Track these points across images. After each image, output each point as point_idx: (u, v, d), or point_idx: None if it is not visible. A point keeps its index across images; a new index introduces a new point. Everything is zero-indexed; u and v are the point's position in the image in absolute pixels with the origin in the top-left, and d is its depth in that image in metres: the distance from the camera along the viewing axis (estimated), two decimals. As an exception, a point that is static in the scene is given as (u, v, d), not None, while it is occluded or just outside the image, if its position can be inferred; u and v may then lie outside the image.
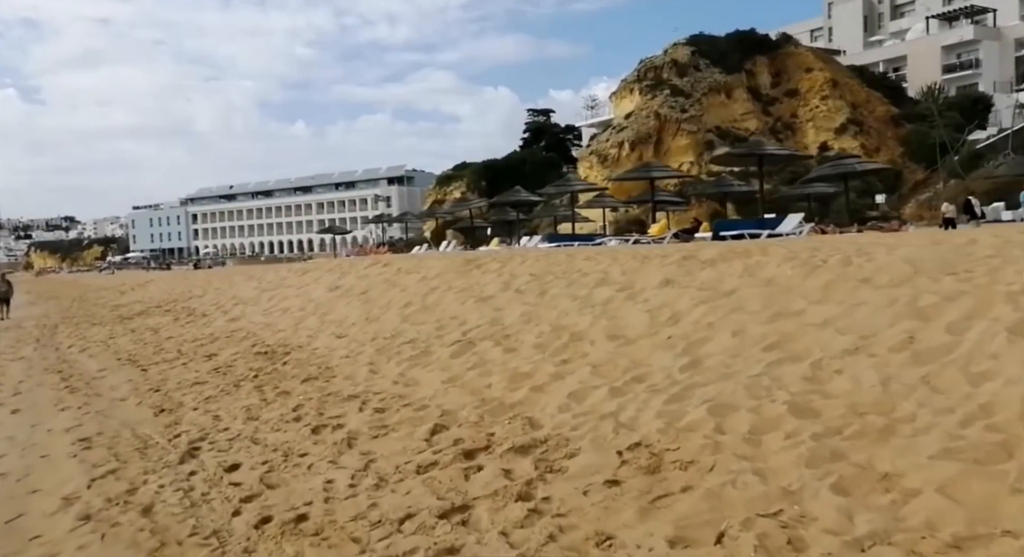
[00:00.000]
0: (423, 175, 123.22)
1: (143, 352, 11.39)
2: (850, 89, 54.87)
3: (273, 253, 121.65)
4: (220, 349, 10.49)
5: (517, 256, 11.29)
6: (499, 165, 70.78)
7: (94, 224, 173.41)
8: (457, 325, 8.27)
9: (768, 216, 15.95)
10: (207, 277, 28.57)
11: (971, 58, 59.72)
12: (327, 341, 9.49)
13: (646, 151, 53.45)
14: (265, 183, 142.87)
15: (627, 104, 57.68)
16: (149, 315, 17.86)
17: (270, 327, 11.86)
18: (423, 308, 9.64)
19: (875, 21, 78.66)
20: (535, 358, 6.21)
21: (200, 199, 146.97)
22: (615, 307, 6.90)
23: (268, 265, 45.23)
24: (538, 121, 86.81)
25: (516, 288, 9.06)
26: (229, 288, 20.19)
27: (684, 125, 53.01)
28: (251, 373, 8.25)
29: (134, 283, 33.18)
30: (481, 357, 6.69)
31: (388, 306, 10.49)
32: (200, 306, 17.45)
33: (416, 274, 12.03)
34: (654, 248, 11.19)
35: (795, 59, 57.19)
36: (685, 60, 56.22)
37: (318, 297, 13.33)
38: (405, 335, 8.56)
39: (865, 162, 17.42)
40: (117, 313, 19.53)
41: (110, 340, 13.73)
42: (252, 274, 23.07)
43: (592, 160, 55.61)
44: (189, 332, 13.22)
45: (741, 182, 33.96)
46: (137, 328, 15.30)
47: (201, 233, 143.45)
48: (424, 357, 7.35)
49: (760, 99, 56.25)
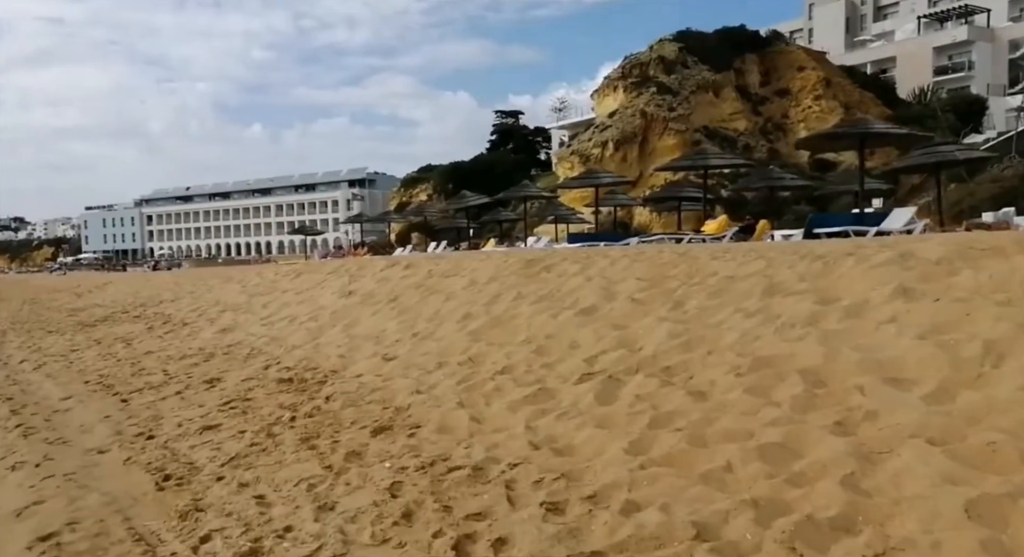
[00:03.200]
0: (385, 178, 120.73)
1: (118, 372, 8.92)
2: (843, 89, 53.83)
3: (230, 255, 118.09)
4: (222, 371, 8.10)
5: (594, 255, 9.09)
6: (466, 167, 69.48)
7: (45, 225, 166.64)
8: (566, 348, 6.07)
9: (868, 211, 14.05)
10: (172, 279, 25.78)
11: (964, 60, 59.11)
12: (372, 364, 7.18)
13: (631, 151, 51.81)
14: (223, 185, 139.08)
15: (610, 102, 55.88)
16: (115, 321, 15.23)
17: (278, 341, 9.48)
18: (493, 322, 7.39)
19: (857, 23, 78.33)
20: (762, 411, 4.03)
21: (155, 200, 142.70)
22: (847, 330, 4.74)
23: (231, 267, 42.27)
24: (506, 123, 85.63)
25: (628, 296, 6.88)
26: (207, 292, 17.62)
27: (671, 124, 51.39)
28: (284, 413, 5.92)
29: (90, 285, 30.14)
30: (653, 404, 4.49)
31: (438, 318, 8.22)
32: (177, 312, 14.89)
33: (459, 278, 9.77)
34: (773, 246, 9.10)
35: (786, 57, 56.00)
36: (672, 57, 54.64)
37: (330, 304, 10.97)
38: (488, 360, 6.33)
39: (966, 148, 15.56)
40: (76, 319, 16.81)
41: (72, 353, 11.17)
42: (229, 276, 20.48)
43: (573, 160, 53.69)
44: (172, 345, 10.74)
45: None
46: (103, 338, 12.72)
47: (156, 234, 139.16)
48: (546, 397, 5.12)
49: (749, 98, 54.92)
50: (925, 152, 15.87)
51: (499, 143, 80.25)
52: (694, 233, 15.85)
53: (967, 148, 16.09)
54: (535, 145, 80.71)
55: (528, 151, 77.50)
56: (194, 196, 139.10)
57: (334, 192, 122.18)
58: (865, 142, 15.08)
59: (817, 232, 12.70)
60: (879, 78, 59.86)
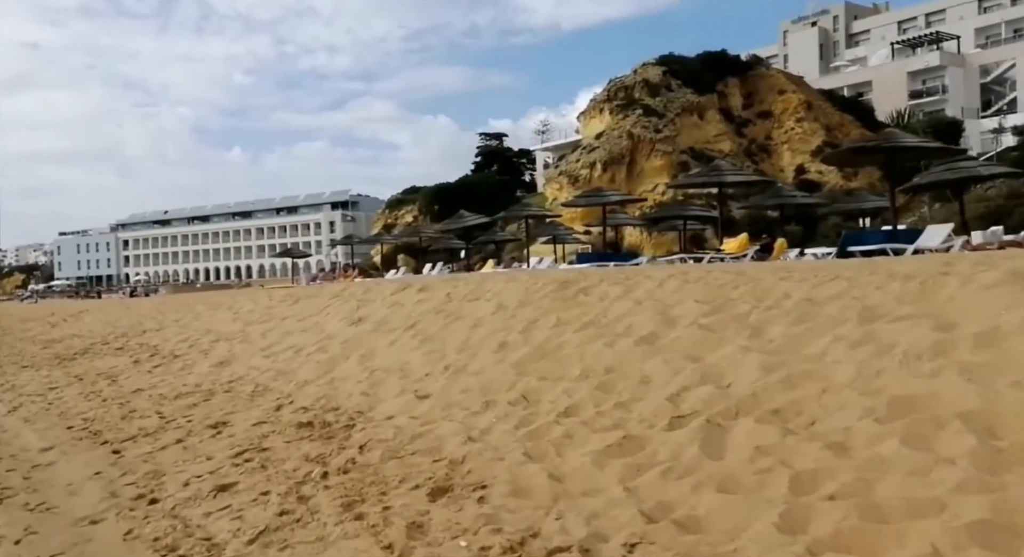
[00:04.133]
0: (368, 200, 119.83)
1: (106, 416, 7.97)
2: (823, 112, 54.24)
3: (209, 280, 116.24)
4: (227, 413, 7.19)
5: (634, 276, 8.33)
6: (452, 189, 69.20)
7: (16, 251, 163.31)
8: (636, 384, 5.28)
9: (901, 228, 13.47)
10: (154, 306, 24.63)
11: (937, 84, 60.06)
12: (403, 403, 6.34)
13: (619, 172, 51.64)
14: (202, 208, 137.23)
15: (597, 124, 55.79)
16: (96, 354, 14.19)
17: (286, 376, 8.59)
18: (538, 352, 6.59)
19: (830, 49, 79.63)
20: (936, 471, 3.26)
21: (132, 225, 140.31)
22: (991, 363, 4.00)
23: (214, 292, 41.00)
24: (490, 145, 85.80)
25: (692, 322, 6.12)
26: (194, 320, 16.63)
27: (658, 146, 51.34)
28: (312, 467, 5.05)
29: (65, 313, 28.85)
30: (782, 459, 3.70)
31: (470, 348, 7.40)
32: (164, 343, 13.89)
33: (484, 301, 8.97)
34: (844, 265, 8.39)
35: (767, 81, 56.44)
36: (657, 80, 54.77)
37: (338, 332, 10.09)
38: (544, 398, 5.52)
39: (991, 166, 15.01)
40: (52, 351, 15.72)
41: (51, 392, 10.16)
42: (217, 302, 19.47)
43: (562, 181, 53.45)
44: (164, 381, 9.79)
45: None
46: (85, 373, 11.71)
47: (132, 259, 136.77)
48: (634, 447, 4.32)
49: (733, 120, 55.14)
50: (948, 168, 15.39)
51: (484, 165, 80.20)
52: (714, 252, 15.20)
53: (990, 164, 15.57)
54: (519, 166, 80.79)
55: (513, 172, 77.43)
56: (172, 220, 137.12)
57: (316, 214, 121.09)
58: (894, 156, 14.57)
59: (851, 250, 12.09)
60: (857, 101, 60.42)
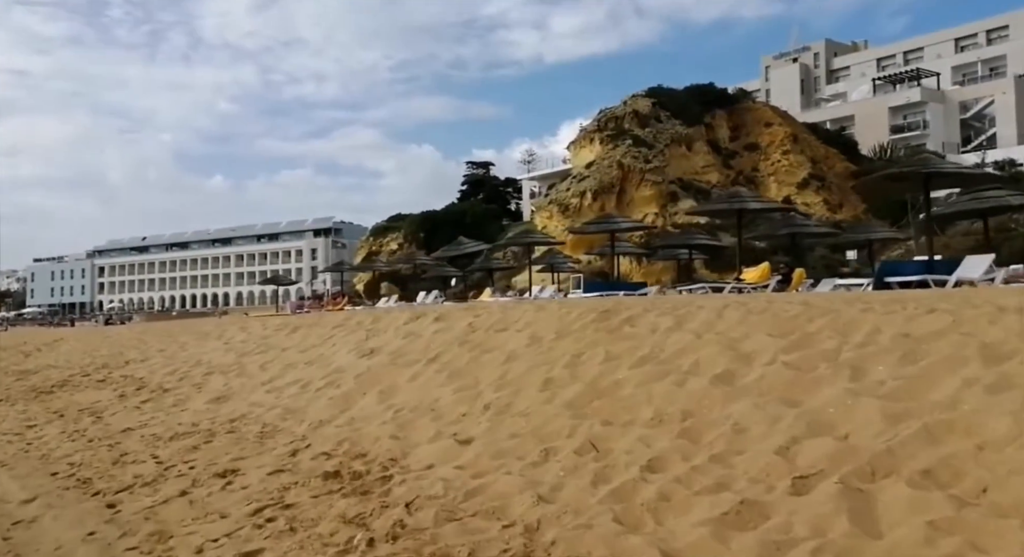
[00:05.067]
0: (351, 227, 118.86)
1: (94, 460, 7.08)
2: (809, 145, 54.60)
3: (185, 307, 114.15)
4: (235, 458, 6.35)
5: (684, 305, 7.63)
6: (438, 216, 68.73)
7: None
8: (729, 433, 4.56)
9: (937, 258, 12.96)
10: (133, 335, 23.55)
11: (918, 119, 60.91)
12: (443, 450, 5.55)
13: (608, 201, 51.32)
14: (181, 234, 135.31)
15: (587, 153, 55.70)
16: (76, 387, 13.20)
17: (296, 415, 7.76)
18: (592, 391, 5.87)
19: (811, 84, 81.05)
20: None
21: (109, 251, 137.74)
22: None
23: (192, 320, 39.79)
24: (476, 174, 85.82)
25: (771, 359, 5.43)
26: (180, 350, 15.70)
27: (648, 176, 51.22)
28: (353, 531, 4.25)
29: (39, 342, 27.58)
30: (972, 541, 2.99)
31: (509, 385, 6.65)
32: (150, 375, 12.94)
33: (513, 332, 8.24)
34: (939, 295, 7.76)
35: (754, 114, 56.86)
36: (646, 111, 54.95)
37: (349, 365, 9.28)
38: (616, 447, 4.79)
39: (1019, 194, 14.58)
40: (28, 383, 14.68)
41: (29, 431, 9.21)
42: (203, 331, 18.54)
43: (552, 210, 53.02)
44: (155, 419, 8.89)
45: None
46: (66, 409, 10.75)
47: (107, 287, 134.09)
48: (757, 516, 3.59)
49: (720, 152, 55.37)
50: (973, 197, 14.98)
51: (470, 193, 79.93)
52: (734, 282, 14.62)
53: (1019, 193, 15.16)
54: (505, 195, 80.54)
55: (499, 201, 77.16)
56: (150, 246, 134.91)
57: (299, 241, 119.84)
58: (930, 182, 14.08)
59: (888, 281, 11.53)
60: (841, 135, 61.02)
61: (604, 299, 11.02)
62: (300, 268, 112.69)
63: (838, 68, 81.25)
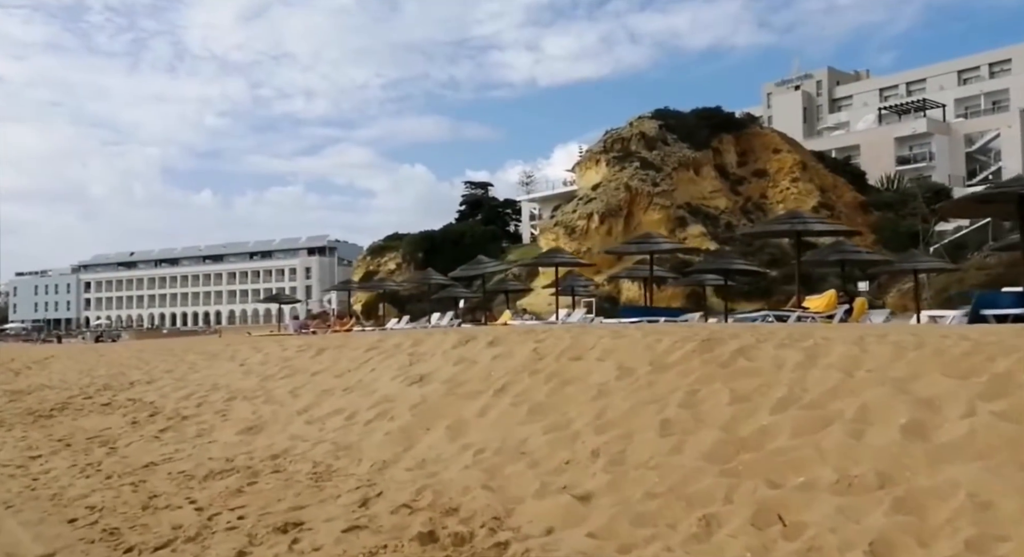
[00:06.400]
0: (346, 246, 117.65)
1: (118, 503, 5.99)
2: (817, 173, 54.12)
3: (175, 325, 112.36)
4: (292, 507, 5.29)
5: (808, 337, 6.63)
6: (436, 236, 67.95)
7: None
8: (972, 510, 3.57)
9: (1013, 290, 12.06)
10: (131, 354, 22.34)
11: (924, 150, 60.68)
12: (560, 507, 4.52)
13: (616, 224, 50.56)
14: (171, 250, 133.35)
15: (593, 175, 55.04)
16: (79, 410, 12.05)
17: (350, 452, 6.70)
18: (733, 441, 4.87)
19: (813, 112, 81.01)
20: None
21: (95, 266, 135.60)
22: None
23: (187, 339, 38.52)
24: (475, 194, 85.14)
25: (971, 412, 4.46)
26: (190, 371, 14.58)
27: (656, 199, 50.51)
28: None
29: (28, 359, 26.31)
30: None
31: (614, 426, 5.64)
32: (162, 400, 11.82)
33: (595, 362, 7.22)
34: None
35: (761, 139, 56.40)
36: (653, 133, 54.38)
37: (397, 393, 8.23)
38: (807, 521, 3.79)
39: None
40: (23, 406, 13.50)
41: (32, 462, 8.08)
42: (211, 351, 17.40)
43: (558, 232, 52.13)
44: (180, 452, 7.80)
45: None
46: (71, 436, 9.62)
47: (94, 303, 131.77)
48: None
49: (728, 177, 54.79)
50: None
51: (468, 214, 79.07)
52: (800, 311, 13.70)
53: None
54: (504, 216, 79.72)
55: (497, 222, 76.35)
56: (138, 262, 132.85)
57: (292, 259, 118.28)
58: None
59: (984, 313, 10.62)
60: (849, 164, 60.64)
61: (696, 326, 10.03)
62: (295, 287, 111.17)
63: (840, 97, 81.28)
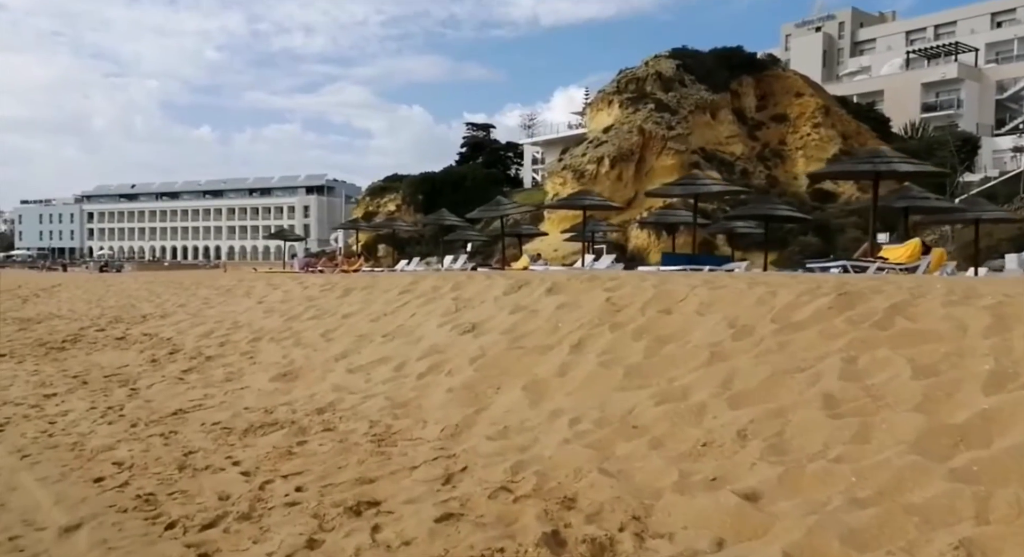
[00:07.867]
0: (344, 186, 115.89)
1: (148, 460, 5.20)
2: (840, 119, 52.28)
3: (176, 259, 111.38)
4: (359, 480, 4.49)
5: (959, 289, 5.71)
6: (437, 178, 66.29)
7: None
8: None
9: None
10: (140, 285, 21.56)
11: (952, 98, 58.54)
12: (719, 510, 3.63)
13: (627, 169, 49.02)
14: (171, 184, 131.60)
15: (604, 117, 53.13)
16: (93, 344, 11.27)
17: (409, 410, 5.90)
18: (933, 425, 3.92)
19: (834, 56, 78.24)
20: None
21: (97, 197, 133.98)
22: None
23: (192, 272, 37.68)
24: (476, 136, 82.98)
25: None
26: (205, 306, 13.77)
27: (671, 143, 48.81)
28: None
29: (35, 287, 25.61)
30: None
31: (750, 399, 4.75)
32: (179, 336, 11.01)
33: (694, 315, 6.33)
34: None
35: (783, 82, 54.32)
36: (670, 73, 52.25)
37: (448, 343, 7.37)
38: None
39: None
40: (33, 335, 12.74)
41: (48, 402, 7.29)
42: (224, 286, 16.57)
43: (566, 176, 50.53)
44: (211, 399, 7.00)
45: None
46: (86, 372, 8.84)
47: (97, 233, 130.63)
48: None
49: (746, 122, 52.91)
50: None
51: (468, 156, 77.19)
52: (881, 261, 12.69)
53: None
54: (506, 160, 77.88)
55: (499, 165, 74.61)
56: (140, 194, 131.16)
57: (291, 197, 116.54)
58: None
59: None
60: (872, 110, 58.62)
61: (822, 276, 9.09)
62: (293, 224, 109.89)
63: (863, 40, 78.22)
